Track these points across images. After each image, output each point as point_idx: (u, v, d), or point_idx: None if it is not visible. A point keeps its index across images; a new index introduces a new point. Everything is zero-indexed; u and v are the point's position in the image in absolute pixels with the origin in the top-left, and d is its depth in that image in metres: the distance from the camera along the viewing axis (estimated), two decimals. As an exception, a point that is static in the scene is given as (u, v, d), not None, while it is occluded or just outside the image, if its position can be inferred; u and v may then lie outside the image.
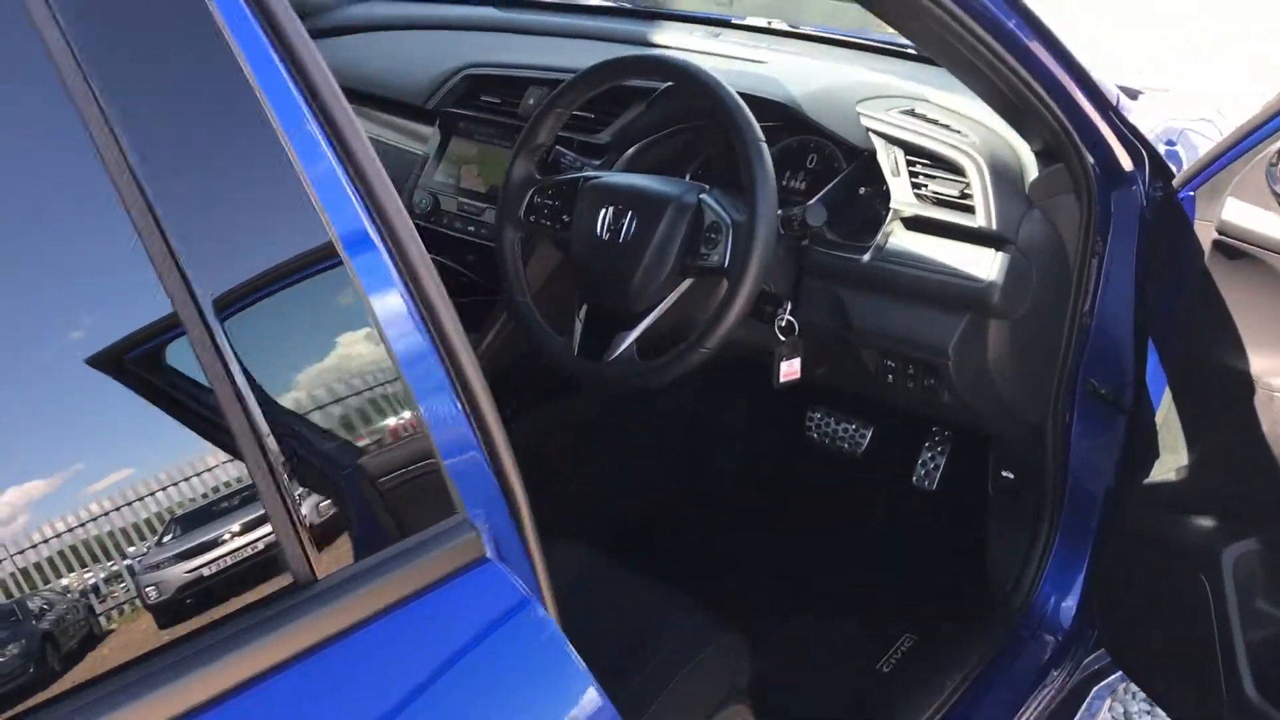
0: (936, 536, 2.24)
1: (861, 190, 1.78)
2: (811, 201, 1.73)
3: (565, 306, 1.76)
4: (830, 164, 1.89)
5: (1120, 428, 1.85)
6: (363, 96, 2.35)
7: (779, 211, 1.61)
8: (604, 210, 1.66)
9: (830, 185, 1.78)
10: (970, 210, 1.63)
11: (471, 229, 2.10)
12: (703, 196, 1.62)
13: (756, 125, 1.56)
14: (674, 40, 2.25)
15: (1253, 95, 1.67)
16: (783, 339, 1.69)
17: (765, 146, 1.55)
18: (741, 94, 1.63)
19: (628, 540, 2.15)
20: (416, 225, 2.00)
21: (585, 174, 1.75)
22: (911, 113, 1.74)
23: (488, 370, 0.97)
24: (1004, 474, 1.99)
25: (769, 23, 2.29)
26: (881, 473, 2.35)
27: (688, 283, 1.64)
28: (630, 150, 1.96)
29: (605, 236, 1.65)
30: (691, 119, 1.92)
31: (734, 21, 2.35)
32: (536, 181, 1.77)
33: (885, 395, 1.85)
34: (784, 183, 1.92)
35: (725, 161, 1.79)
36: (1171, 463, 1.70)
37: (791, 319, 1.70)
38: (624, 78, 1.72)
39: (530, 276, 1.85)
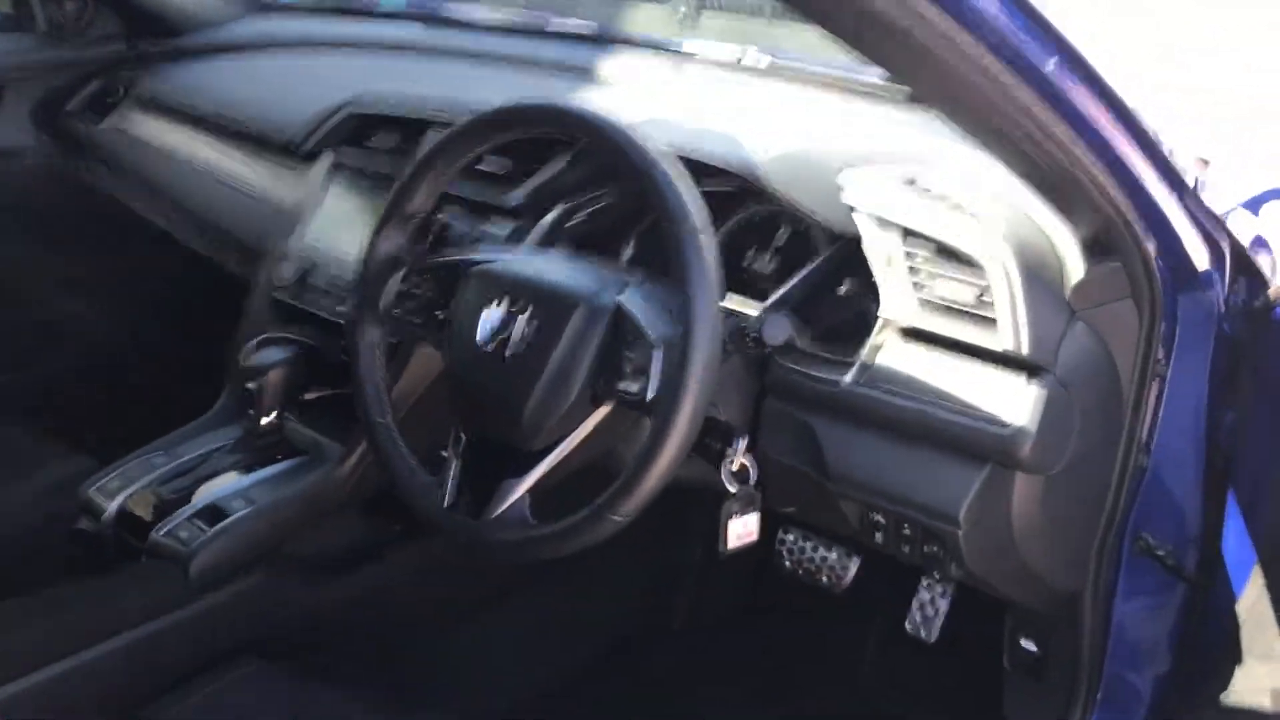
0: (936, 704, 1.78)
1: (843, 287, 1.33)
2: (770, 304, 1.28)
3: (446, 434, 1.30)
4: (807, 241, 1.44)
5: (1178, 601, 1.40)
6: (224, 131, 1.89)
7: (726, 319, 1.16)
8: (490, 308, 1.21)
9: (795, 280, 1.33)
10: (991, 322, 1.18)
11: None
12: (624, 297, 1.16)
13: (692, 205, 1.11)
14: (627, 73, 1.80)
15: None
16: (733, 489, 1.24)
17: (705, 237, 1.10)
18: (688, 156, 1.19)
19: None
20: (277, 301, 1.43)
21: (471, 256, 1.30)
22: (913, 184, 1.29)
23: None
24: (1024, 644, 1.52)
25: (740, 56, 1.84)
26: (869, 614, 1.89)
27: (603, 411, 1.19)
28: (548, 218, 1.50)
29: (489, 346, 1.20)
30: (627, 182, 1.46)
31: (697, 55, 1.89)
32: (406, 262, 1.31)
33: (873, 547, 1.39)
34: (745, 264, 1.47)
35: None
36: (1264, 676, 1.24)
37: (747, 462, 1.24)
38: (514, 131, 1.27)
39: (403, 388, 1.40)
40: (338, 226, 1.67)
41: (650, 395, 1.11)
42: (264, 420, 1.54)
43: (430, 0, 2.12)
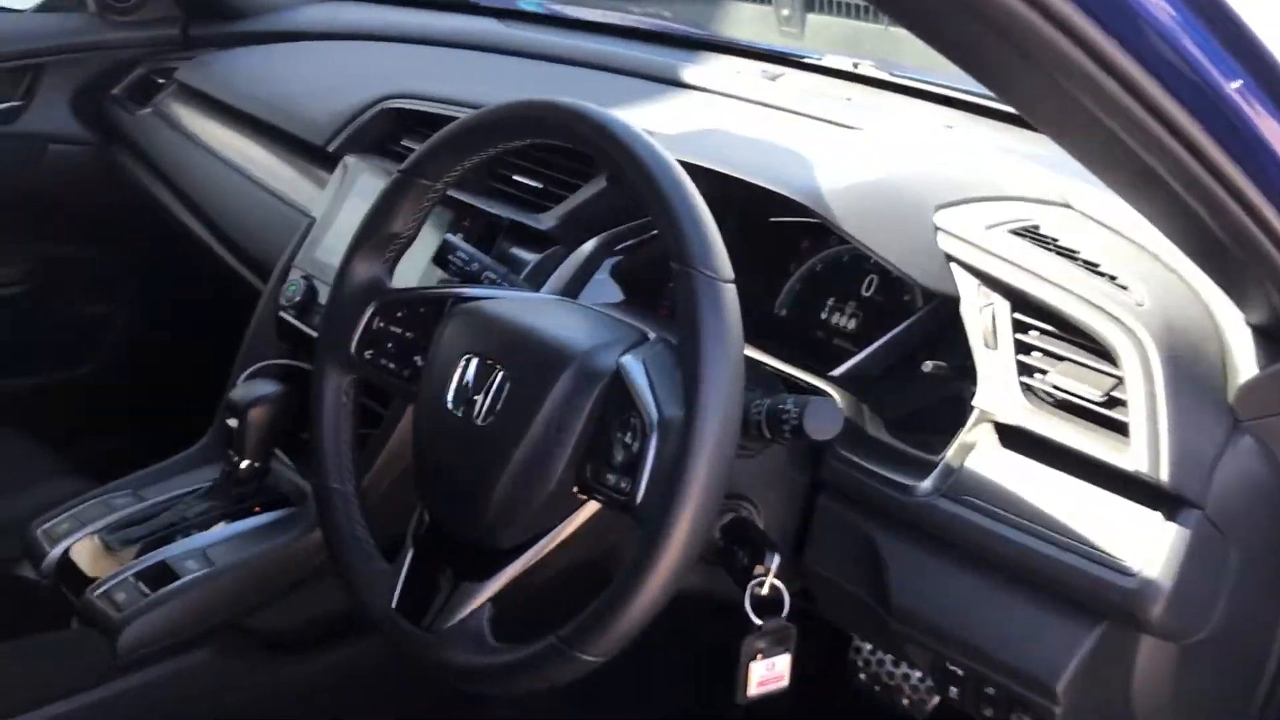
0: None
1: (929, 364, 1.03)
2: (837, 375, 0.99)
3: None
4: (900, 295, 1.15)
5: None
6: (259, 126, 1.68)
7: (765, 396, 0.88)
8: (463, 359, 0.95)
9: (874, 346, 1.04)
10: (1122, 430, 0.87)
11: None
12: (628, 359, 0.89)
13: (710, 241, 0.84)
14: (714, 80, 1.52)
15: None
16: (759, 622, 0.95)
17: (722, 286, 0.83)
18: (752, 181, 0.92)
19: None
20: (280, 319, 1.33)
21: (458, 290, 1.04)
22: (1032, 232, 0.99)
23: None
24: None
25: (842, 65, 1.54)
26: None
27: (589, 510, 0.92)
28: (585, 249, 1.24)
29: (458, 409, 0.94)
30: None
31: (805, 60, 1.60)
32: (382, 294, 1.06)
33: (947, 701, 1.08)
34: (823, 317, 1.19)
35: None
36: None
37: (780, 584, 0.95)
38: (504, 136, 1.00)
39: (379, 449, 1.16)
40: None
41: (639, 497, 0.83)
42: (242, 464, 1.32)
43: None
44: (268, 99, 1.69)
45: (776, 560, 0.94)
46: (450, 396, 0.95)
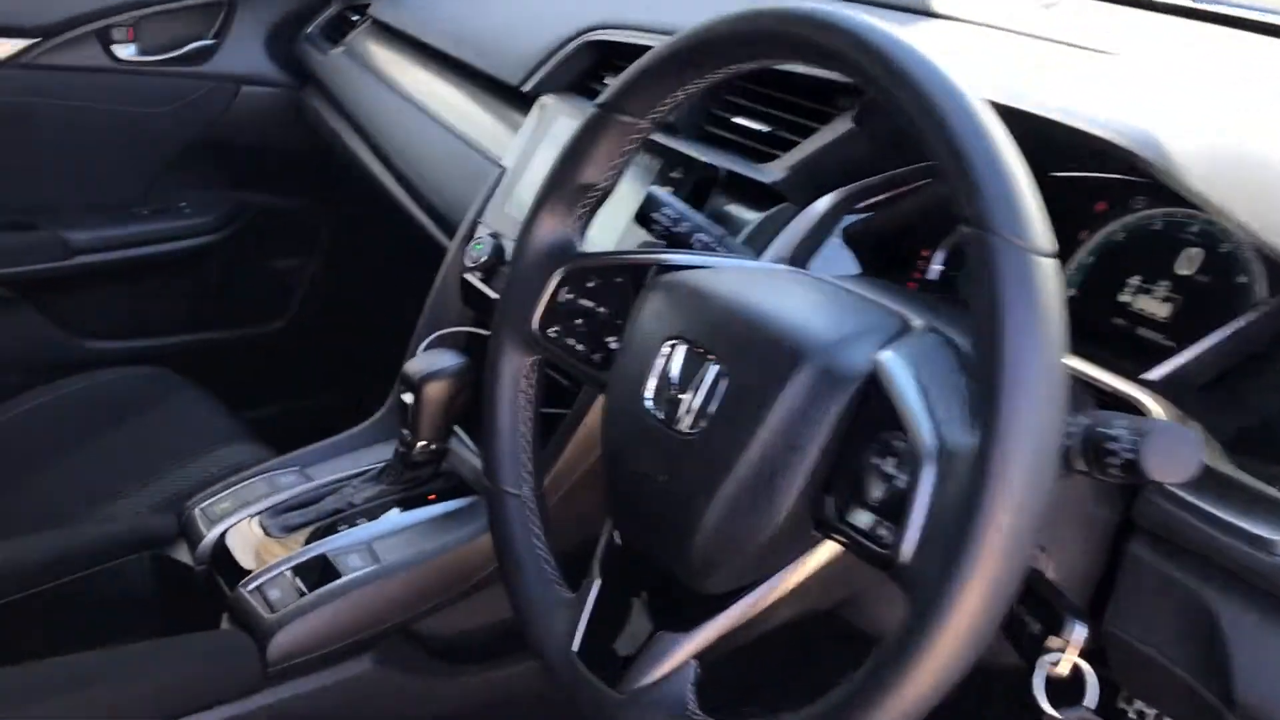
0: None
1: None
2: (1159, 378, 0.73)
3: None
4: (1230, 275, 0.87)
5: None
6: (453, 64, 1.52)
7: (1067, 420, 0.63)
8: (666, 346, 0.74)
9: (1209, 342, 0.77)
10: None
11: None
12: (888, 355, 0.66)
13: (1021, 200, 0.60)
14: (976, 9, 1.26)
15: None
16: (1053, 714, 0.71)
17: (1039, 262, 0.58)
18: (1052, 119, 0.68)
19: None
20: (465, 282, 1.23)
21: (662, 256, 0.83)
22: None
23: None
24: None
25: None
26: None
27: (830, 550, 0.70)
28: (818, 207, 1.01)
29: (658, 410, 0.73)
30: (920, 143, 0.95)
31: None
32: (571, 258, 0.86)
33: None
34: (1124, 297, 0.93)
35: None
36: None
37: (1084, 664, 0.70)
38: (735, 59, 0.77)
39: (562, 447, 0.97)
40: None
41: (906, 553, 0.60)
42: (417, 445, 1.15)
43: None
44: (462, 34, 1.52)
45: (1081, 631, 0.70)
46: (649, 392, 0.75)
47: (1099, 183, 0.95)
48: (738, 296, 0.74)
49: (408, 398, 1.14)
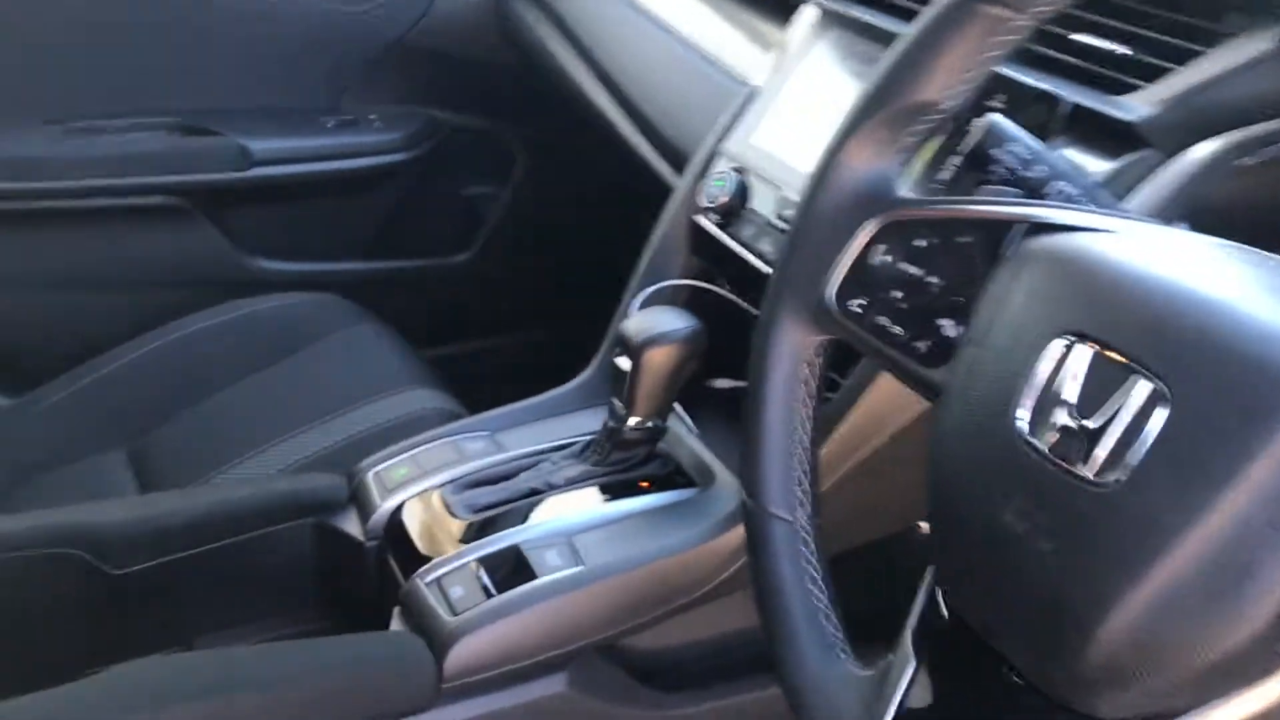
0: None
1: None
2: None
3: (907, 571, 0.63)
4: None
5: None
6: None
7: None
8: (1055, 345, 0.50)
9: None
10: None
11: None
12: None
13: None
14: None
15: None
16: None
17: None
18: None
19: None
20: (696, 225, 1.02)
21: (1031, 211, 0.58)
22: None
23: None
24: None
25: None
26: None
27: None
28: (1200, 153, 0.75)
29: (1041, 438, 0.50)
30: None
31: None
32: (893, 205, 0.62)
33: None
34: None
35: None
36: None
37: None
38: None
39: (842, 451, 0.74)
40: (808, 118, 1.01)
41: None
42: (631, 421, 0.95)
43: None
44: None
45: None
46: (1024, 411, 0.51)
47: None
48: (1182, 282, 0.49)
49: (624, 363, 0.93)
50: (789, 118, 1.02)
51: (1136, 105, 0.79)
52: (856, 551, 0.94)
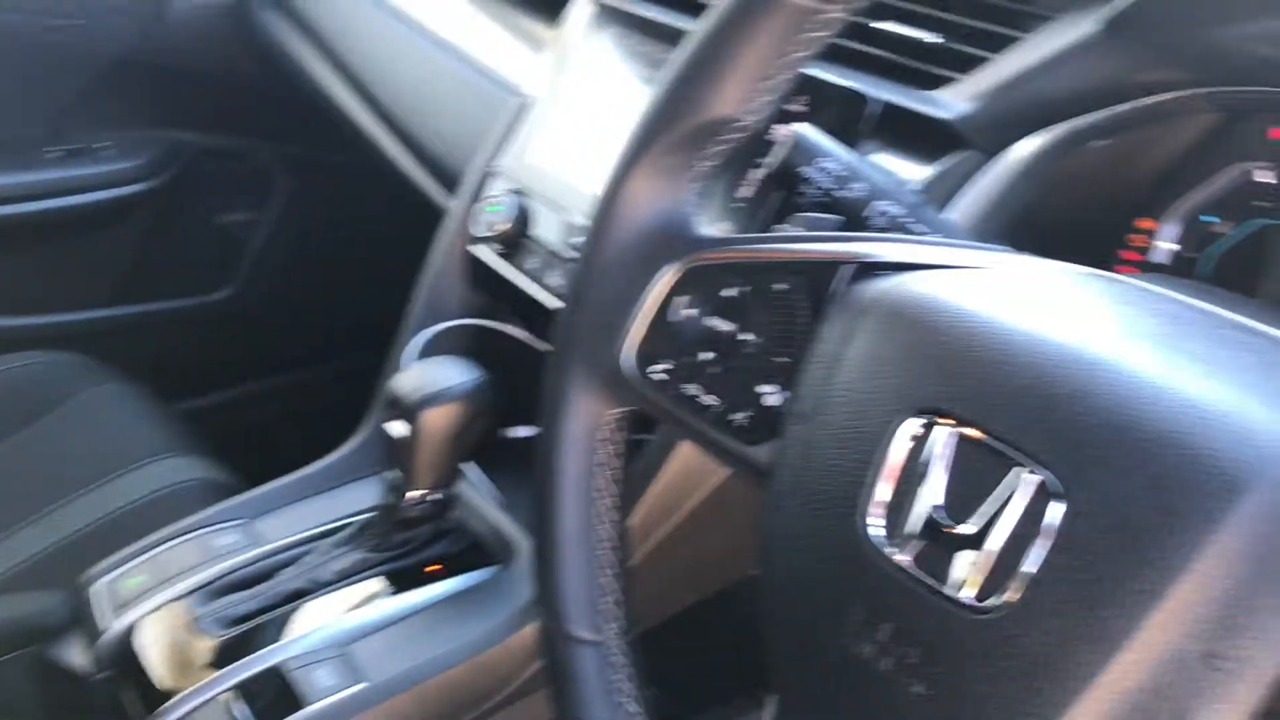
0: None
1: None
2: None
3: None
4: None
5: None
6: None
7: None
8: (912, 428, 0.39)
9: None
10: None
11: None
12: None
13: None
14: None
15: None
16: None
17: None
18: None
19: None
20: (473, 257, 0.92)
21: (868, 247, 0.47)
22: None
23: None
24: None
25: None
26: None
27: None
28: (1027, 151, 0.67)
29: (900, 548, 0.38)
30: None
31: None
32: (693, 248, 0.50)
33: None
34: None
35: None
36: None
37: None
38: None
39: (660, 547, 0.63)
40: (590, 130, 0.89)
41: None
42: (411, 495, 0.80)
43: None
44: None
45: None
46: (877, 513, 0.40)
47: None
48: (1065, 340, 0.38)
49: (397, 428, 0.79)
50: (568, 130, 0.90)
51: (951, 101, 0.70)
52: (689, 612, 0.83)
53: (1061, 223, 0.71)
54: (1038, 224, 0.69)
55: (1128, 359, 0.37)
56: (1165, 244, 0.73)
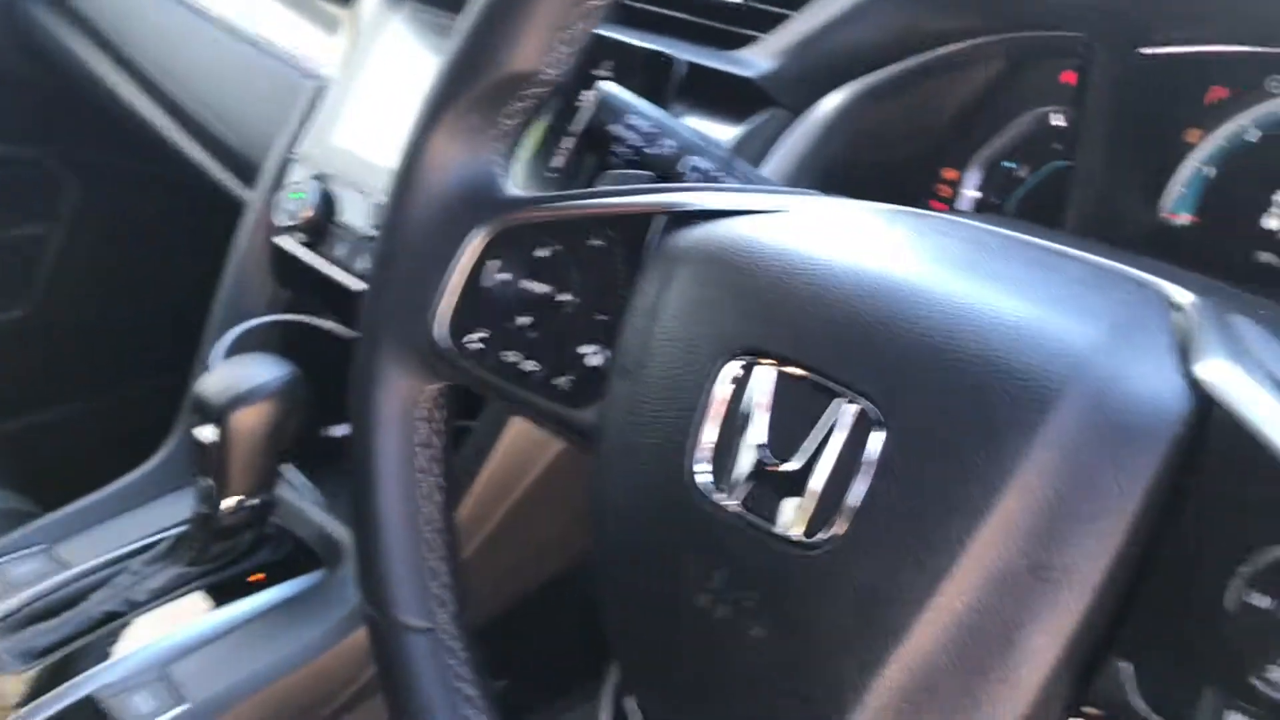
0: None
1: None
2: None
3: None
4: None
5: None
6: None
7: None
8: (732, 371, 0.38)
9: None
10: None
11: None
12: (1220, 369, 0.32)
13: None
14: None
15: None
16: None
17: None
18: None
19: None
20: (277, 248, 0.88)
21: (683, 196, 0.46)
22: None
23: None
24: None
25: None
26: None
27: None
28: (831, 106, 0.68)
29: (728, 493, 0.38)
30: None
31: None
32: (502, 208, 0.48)
33: None
34: (1274, 229, 0.64)
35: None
36: None
37: None
38: None
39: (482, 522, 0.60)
40: (391, 109, 0.86)
41: None
42: (226, 504, 0.76)
43: None
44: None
45: None
46: (704, 459, 0.39)
47: (1209, 60, 0.66)
48: (875, 270, 0.38)
49: (206, 433, 0.74)
50: (369, 110, 0.86)
51: (755, 60, 0.70)
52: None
53: (871, 175, 0.72)
54: (848, 177, 0.70)
55: (937, 284, 0.37)
56: (970, 192, 0.75)
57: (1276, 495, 0.31)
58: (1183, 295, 0.38)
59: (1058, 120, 0.70)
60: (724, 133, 0.70)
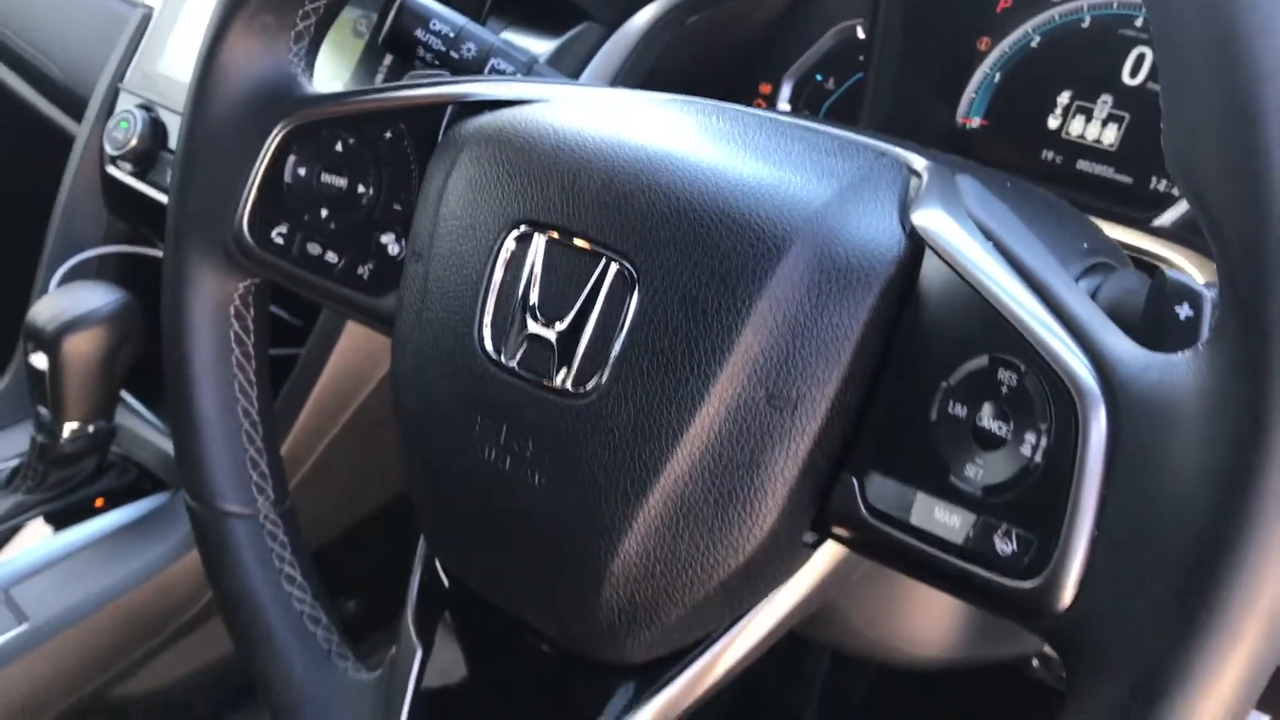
0: None
1: None
2: None
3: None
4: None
5: None
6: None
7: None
8: (508, 243, 0.41)
9: None
10: None
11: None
12: (934, 216, 0.37)
13: None
14: None
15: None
16: None
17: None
18: None
19: None
20: (109, 177, 0.91)
21: (472, 87, 0.48)
22: None
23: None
24: None
25: None
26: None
27: (827, 560, 0.40)
28: (641, 22, 0.70)
29: (508, 355, 0.40)
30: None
31: None
32: (299, 106, 0.50)
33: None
34: (1056, 128, 0.69)
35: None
36: None
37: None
38: None
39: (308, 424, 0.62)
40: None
41: (1065, 589, 0.32)
42: (65, 431, 0.76)
43: None
44: None
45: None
46: (486, 327, 0.42)
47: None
48: (627, 140, 0.41)
49: (39, 360, 0.74)
50: (194, 37, 0.86)
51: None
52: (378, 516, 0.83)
53: (686, 89, 0.75)
54: (664, 90, 0.73)
55: (690, 153, 0.40)
56: (783, 105, 0.78)
57: (972, 319, 0.35)
58: (919, 162, 0.42)
59: (863, 34, 0.74)
60: (541, 47, 0.72)
